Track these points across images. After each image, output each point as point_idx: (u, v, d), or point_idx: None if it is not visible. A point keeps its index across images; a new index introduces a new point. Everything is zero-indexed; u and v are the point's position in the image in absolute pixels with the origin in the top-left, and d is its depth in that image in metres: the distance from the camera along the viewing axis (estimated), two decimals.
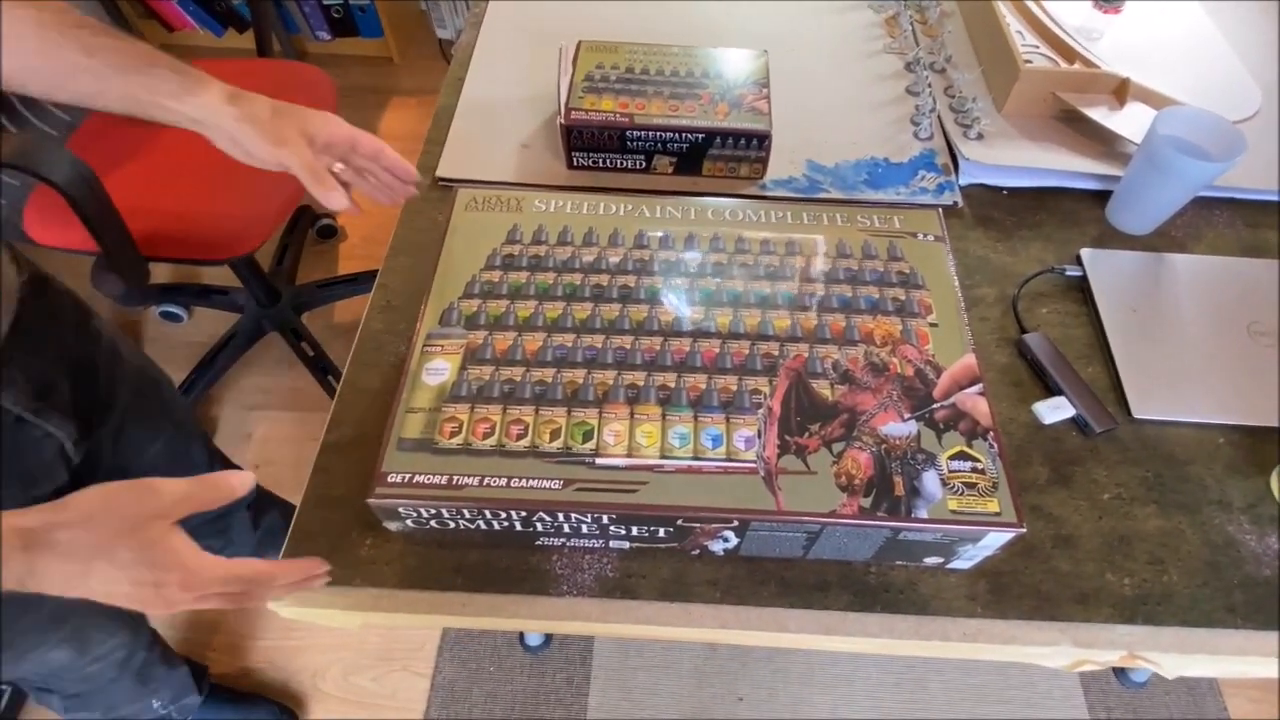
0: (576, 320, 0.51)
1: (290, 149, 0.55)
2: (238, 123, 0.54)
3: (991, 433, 0.46)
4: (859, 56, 0.87)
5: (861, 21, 0.91)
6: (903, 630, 0.50)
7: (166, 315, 1.50)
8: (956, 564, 0.50)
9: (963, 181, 0.74)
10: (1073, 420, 0.58)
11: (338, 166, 0.59)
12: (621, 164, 0.73)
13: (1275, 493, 0.56)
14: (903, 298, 0.52)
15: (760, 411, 0.46)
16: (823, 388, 0.47)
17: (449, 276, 0.53)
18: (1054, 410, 0.58)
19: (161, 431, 0.81)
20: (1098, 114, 0.75)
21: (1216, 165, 0.64)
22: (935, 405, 0.47)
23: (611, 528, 0.46)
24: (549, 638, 1.20)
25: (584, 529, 0.47)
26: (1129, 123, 0.74)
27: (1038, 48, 0.81)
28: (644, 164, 0.73)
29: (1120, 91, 0.77)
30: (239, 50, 2.00)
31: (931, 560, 0.50)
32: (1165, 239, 0.71)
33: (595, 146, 0.72)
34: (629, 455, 0.45)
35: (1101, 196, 0.74)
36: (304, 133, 0.56)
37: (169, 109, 0.53)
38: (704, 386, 0.48)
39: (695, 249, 0.55)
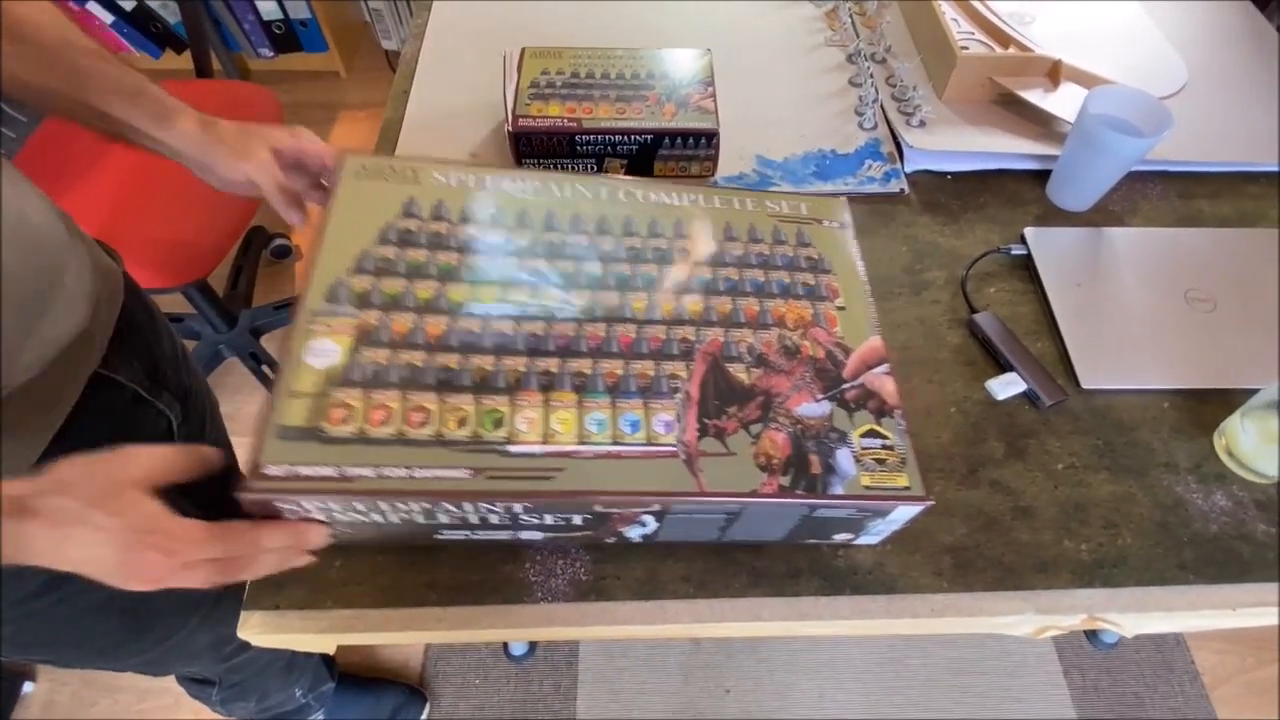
0: (484, 305, 0.47)
1: (255, 164, 0.55)
2: (207, 146, 0.55)
3: (899, 410, 0.48)
4: (801, 51, 0.88)
5: (802, 16, 0.92)
6: (874, 610, 0.51)
7: None
8: (865, 539, 0.51)
9: (908, 169, 0.76)
10: (1024, 395, 0.60)
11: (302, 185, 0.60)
12: (572, 168, 0.73)
13: (1218, 451, 0.58)
14: (812, 282, 0.53)
15: (678, 396, 0.46)
16: (739, 371, 0.47)
17: (336, 250, 0.48)
18: (1006, 386, 0.60)
19: (213, 437, 0.81)
20: (1033, 96, 0.77)
21: (1146, 140, 0.66)
22: (845, 385, 0.48)
23: (523, 517, 0.44)
24: (533, 646, 1.20)
25: (493, 519, 0.44)
26: (1063, 103, 0.77)
27: (973, 34, 0.83)
28: (595, 167, 0.73)
29: (1054, 73, 0.79)
30: (179, 71, 1.96)
31: (841, 536, 0.50)
32: (1104, 214, 0.73)
33: (544, 152, 0.72)
34: (544, 442, 0.43)
35: (1042, 176, 0.76)
36: (271, 149, 0.56)
37: (151, 138, 0.54)
38: (621, 372, 0.46)
39: (609, 233, 0.53)
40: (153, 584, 0.40)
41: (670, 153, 0.72)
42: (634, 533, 0.48)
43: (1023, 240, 0.70)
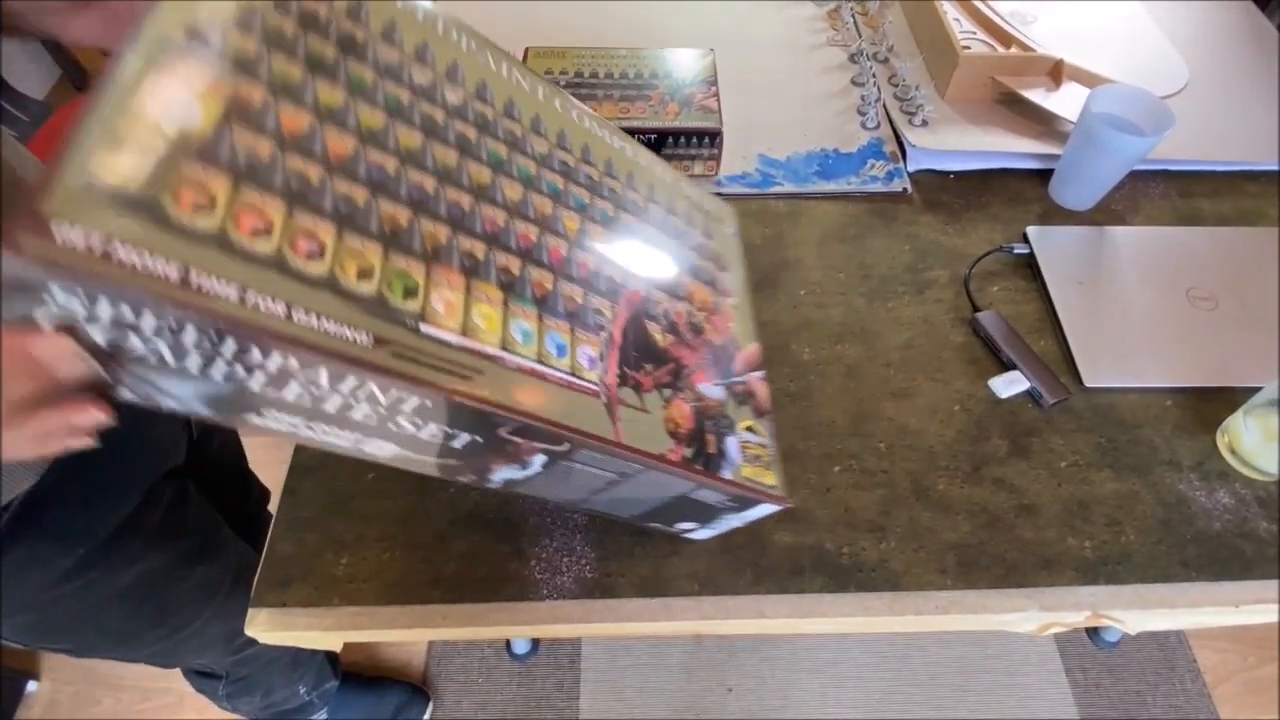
0: (402, 147, 0.38)
1: None
2: None
3: (769, 416, 0.49)
4: (804, 50, 0.88)
5: (804, 15, 0.93)
6: (878, 608, 0.51)
7: None
8: (704, 532, 0.51)
9: (910, 168, 0.76)
10: (1027, 393, 0.60)
11: None
12: None
13: (1220, 449, 0.58)
14: (713, 274, 0.52)
15: (603, 334, 0.42)
16: (655, 332, 0.46)
17: None
18: (1009, 385, 0.60)
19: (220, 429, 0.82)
20: (1035, 95, 0.77)
21: (1148, 139, 0.66)
22: (735, 379, 0.48)
23: (405, 419, 0.36)
24: (536, 644, 1.20)
25: (359, 414, 0.35)
26: (1065, 102, 0.77)
27: (975, 34, 0.84)
28: None
29: (1055, 73, 0.79)
30: None
31: (687, 525, 0.50)
32: (1106, 213, 0.74)
33: None
34: (463, 335, 0.35)
35: (1044, 175, 0.76)
36: None
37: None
38: (550, 287, 0.41)
39: (543, 136, 0.45)
40: None
41: (674, 152, 0.72)
42: (503, 475, 0.42)
43: (1025, 239, 0.70)
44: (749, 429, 0.47)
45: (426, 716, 1.14)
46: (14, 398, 0.30)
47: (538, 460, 0.40)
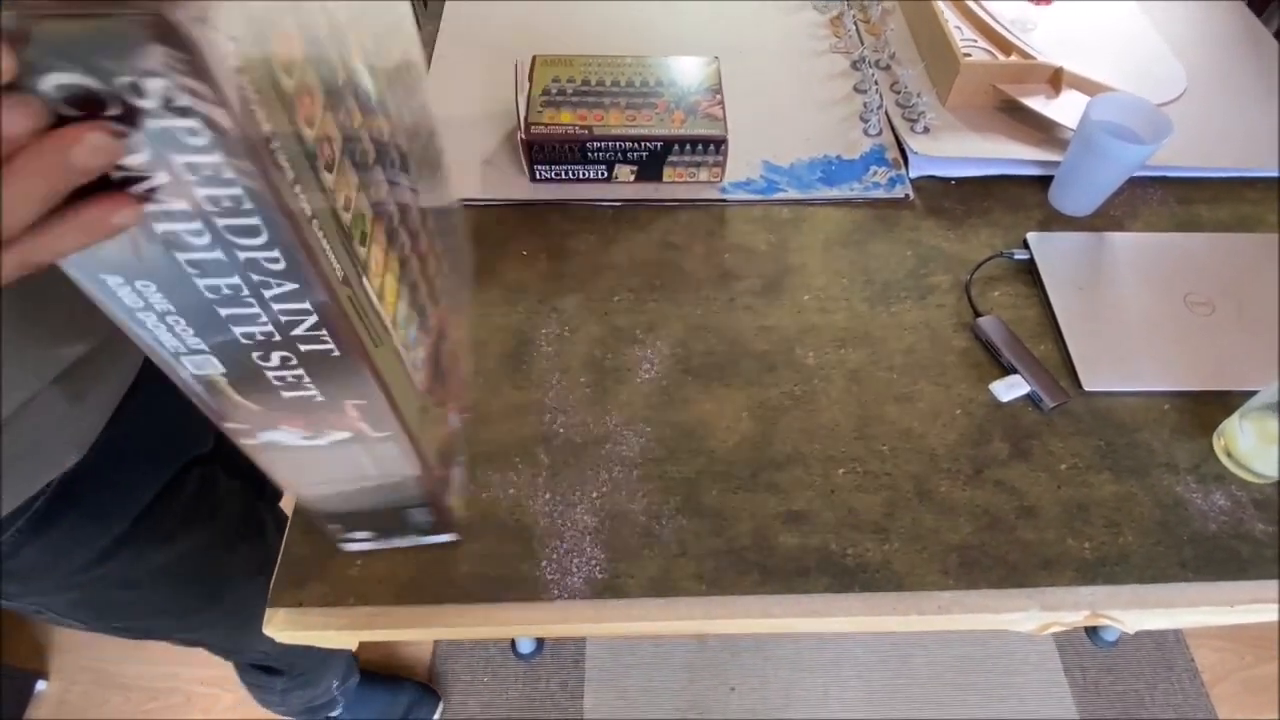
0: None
1: None
2: None
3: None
4: (806, 57, 0.90)
5: (806, 23, 0.94)
6: (881, 608, 0.52)
7: None
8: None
9: (912, 174, 0.77)
10: (1028, 397, 0.61)
11: None
12: (584, 175, 0.75)
13: (1217, 452, 0.59)
14: None
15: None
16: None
17: None
18: (1010, 389, 0.61)
19: None
20: (1036, 103, 0.79)
21: (1146, 148, 0.67)
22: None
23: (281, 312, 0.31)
24: (541, 644, 1.21)
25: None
26: (1065, 110, 0.78)
27: (976, 41, 0.85)
28: (606, 174, 0.75)
29: (1055, 80, 0.80)
30: None
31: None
32: (1105, 219, 0.75)
33: (556, 159, 0.73)
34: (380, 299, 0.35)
35: (1044, 181, 0.77)
36: None
37: None
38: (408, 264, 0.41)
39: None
40: None
41: (680, 159, 0.74)
42: (276, 436, 0.38)
43: (1026, 245, 0.71)
44: None
45: (436, 716, 1.15)
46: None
47: (334, 436, 0.38)
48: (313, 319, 0.31)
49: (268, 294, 0.30)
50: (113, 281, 0.28)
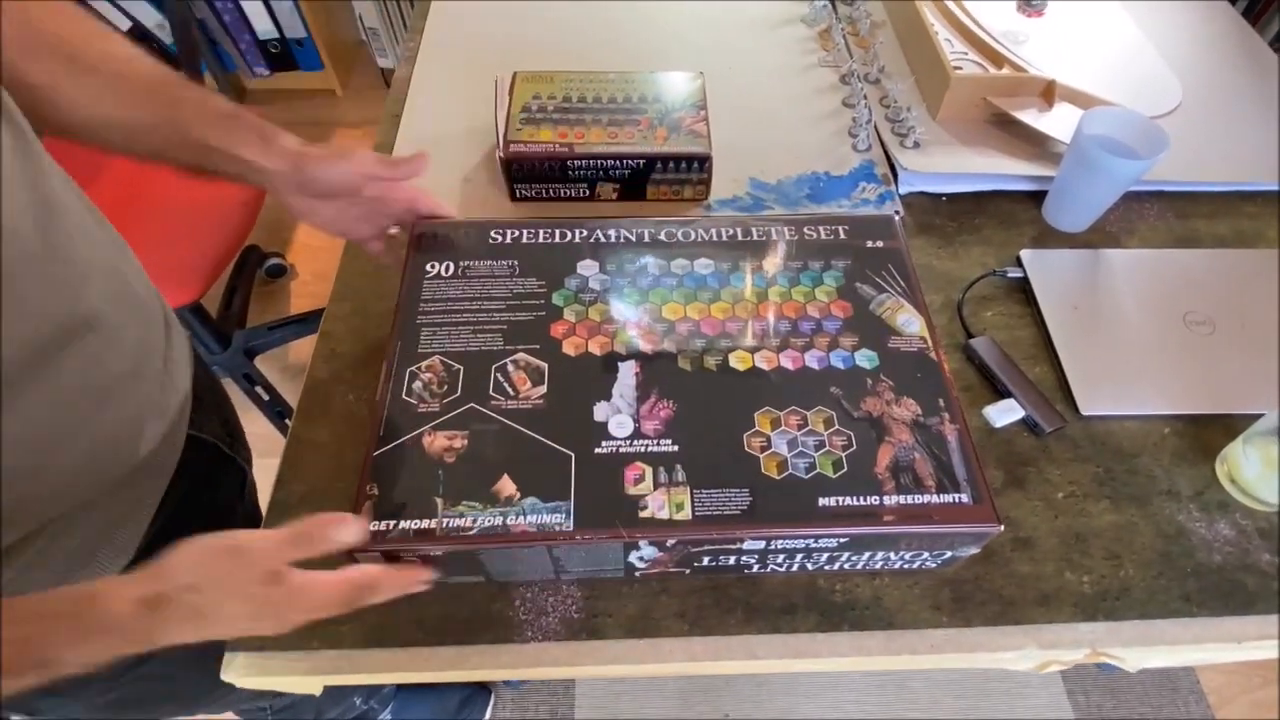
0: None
1: (355, 161, 0.53)
2: (306, 158, 0.51)
3: None
4: (794, 71, 0.88)
5: (795, 36, 0.92)
6: (871, 647, 0.50)
7: None
8: None
9: (902, 190, 0.76)
10: (1023, 421, 0.59)
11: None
12: (565, 193, 0.73)
13: (1220, 478, 0.57)
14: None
15: None
16: None
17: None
18: (1004, 413, 0.59)
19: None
20: (1028, 116, 0.77)
21: (1141, 162, 0.65)
22: None
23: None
24: None
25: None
26: (1058, 123, 0.76)
27: (966, 54, 0.83)
28: (588, 192, 0.73)
29: (1048, 93, 0.79)
30: None
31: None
32: (1100, 234, 0.73)
33: (537, 178, 0.71)
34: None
35: (1037, 196, 0.75)
36: (370, 158, 0.54)
37: (249, 164, 0.51)
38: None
39: None
40: (286, 630, 0.40)
41: (663, 177, 0.72)
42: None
43: (1019, 263, 0.69)
44: None
45: (488, 714, 1.13)
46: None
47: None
48: None
49: None
50: None
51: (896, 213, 0.74)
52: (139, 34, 1.90)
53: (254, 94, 2.06)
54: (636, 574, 0.50)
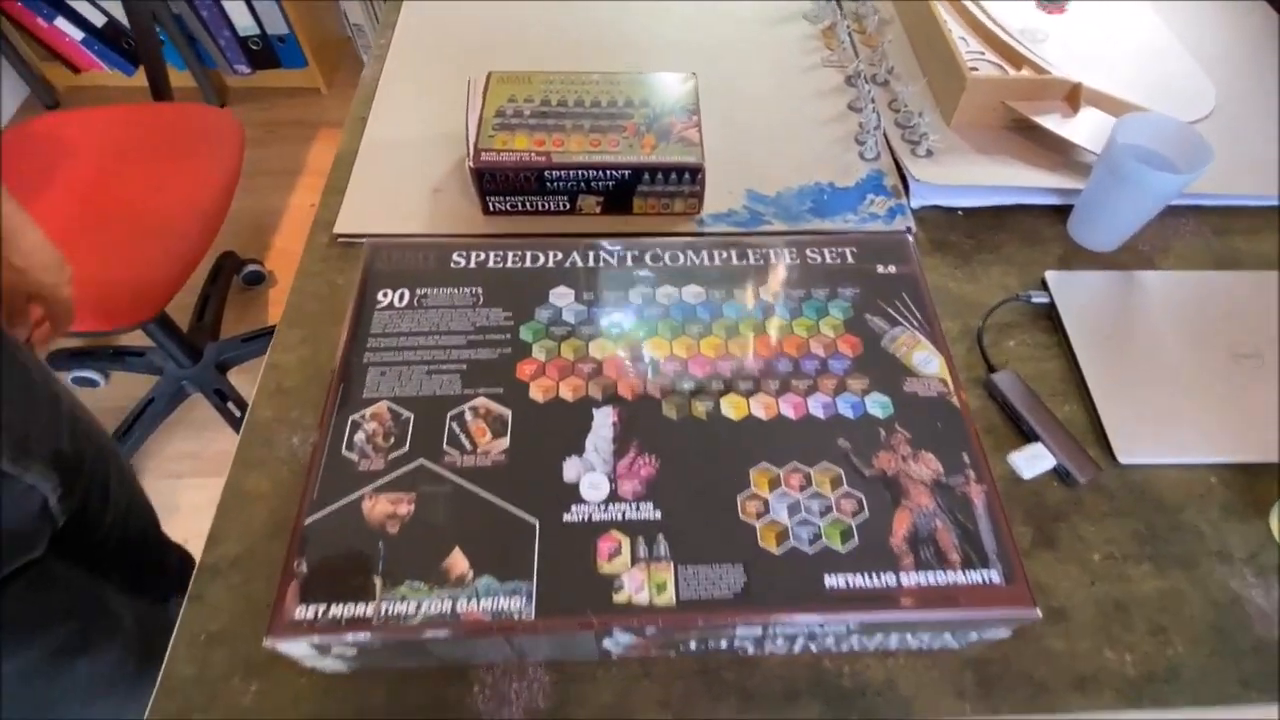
0: None
1: None
2: None
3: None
4: (796, 72, 0.81)
5: (796, 34, 0.85)
6: None
7: (80, 381, 1.39)
8: None
9: (914, 204, 0.69)
10: (1053, 471, 0.53)
11: None
12: (543, 206, 0.66)
13: (1275, 535, 0.51)
14: None
15: None
16: None
17: None
18: (1032, 462, 0.52)
19: (119, 501, 0.75)
20: (1050, 122, 0.70)
21: (1183, 177, 0.59)
22: None
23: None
24: None
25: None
26: (1084, 130, 0.70)
27: (983, 54, 0.76)
28: (568, 205, 0.66)
29: (1072, 97, 0.72)
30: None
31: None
32: (1132, 253, 0.66)
33: (511, 189, 0.65)
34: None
35: (1062, 211, 0.69)
36: None
37: None
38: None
39: None
40: None
41: (651, 189, 0.65)
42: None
43: (1044, 286, 0.62)
44: None
45: None
46: None
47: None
48: None
49: None
50: None
51: (908, 229, 0.67)
52: (115, 30, 1.83)
53: (235, 92, 1.99)
54: (614, 656, 0.43)
